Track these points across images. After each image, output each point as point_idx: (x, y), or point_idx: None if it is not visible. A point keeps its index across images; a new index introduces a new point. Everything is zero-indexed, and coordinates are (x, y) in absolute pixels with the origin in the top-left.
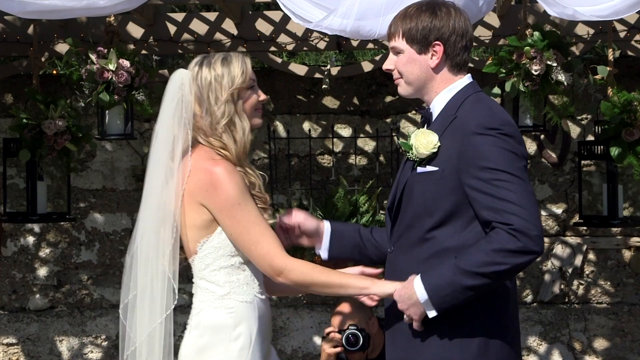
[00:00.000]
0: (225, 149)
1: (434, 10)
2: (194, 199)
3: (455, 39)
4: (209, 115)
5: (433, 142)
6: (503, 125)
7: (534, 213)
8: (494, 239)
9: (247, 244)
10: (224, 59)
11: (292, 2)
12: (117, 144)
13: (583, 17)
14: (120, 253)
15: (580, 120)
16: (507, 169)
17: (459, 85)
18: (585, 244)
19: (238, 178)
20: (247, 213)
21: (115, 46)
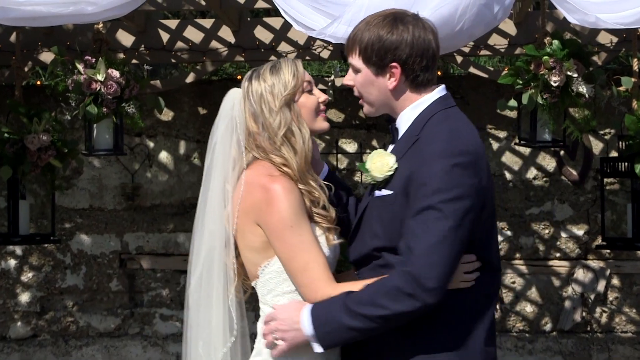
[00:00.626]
0: (287, 165)
1: (392, 26)
2: (249, 218)
3: (414, 60)
4: (266, 130)
5: (388, 165)
6: (460, 155)
7: (441, 262)
8: (388, 279)
9: (294, 270)
10: (273, 67)
11: (294, 9)
12: (105, 160)
13: (606, 24)
14: (108, 277)
15: (603, 135)
16: (441, 207)
17: (426, 102)
18: (608, 268)
19: (295, 198)
20: (299, 237)
21: (103, 55)
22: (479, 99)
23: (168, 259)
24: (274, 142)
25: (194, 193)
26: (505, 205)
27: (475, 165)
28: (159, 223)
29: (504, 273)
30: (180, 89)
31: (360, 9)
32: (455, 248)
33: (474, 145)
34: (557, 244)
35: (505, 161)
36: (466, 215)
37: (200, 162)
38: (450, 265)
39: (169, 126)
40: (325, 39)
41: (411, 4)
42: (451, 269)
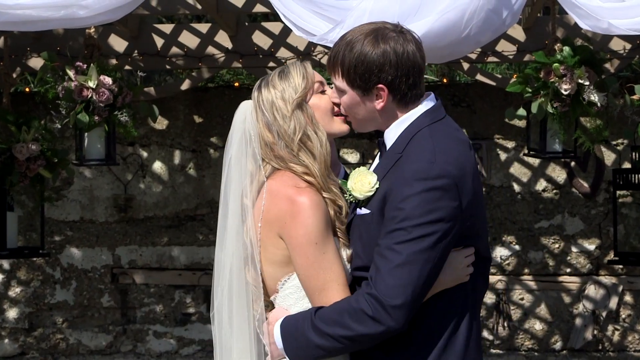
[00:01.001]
0: (309, 173)
1: (373, 44)
2: (272, 230)
3: (401, 80)
4: (282, 138)
5: (370, 184)
6: (438, 178)
7: (407, 285)
8: (354, 299)
9: (312, 289)
10: (281, 72)
11: (294, 13)
12: (97, 171)
13: (619, 30)
14: (99, 292)
15: (616, 146)
16: (411, 230)
17: (411, 117)
18: (621, 284)
19: (322, 213)
20: (322, 255)
21: (95, 61)
22: (486, 107)
23: (162, 273)
24: (291, 149)
25: (189, 205)
26: (513, 218)
27: (456, 188)
28: (153, 236)
29: (512, 289)
30: (175, 96)
31: (363, 14)
32: (424, 272)
33: (457, 166)
34: (568, 259)
35: (514, 172)
36: (440, 240)
37: (196, 172)
38: (418, 289)
39: (163, 135)
40: (326, 45)
41: (416, 8)
42: (418, 293)
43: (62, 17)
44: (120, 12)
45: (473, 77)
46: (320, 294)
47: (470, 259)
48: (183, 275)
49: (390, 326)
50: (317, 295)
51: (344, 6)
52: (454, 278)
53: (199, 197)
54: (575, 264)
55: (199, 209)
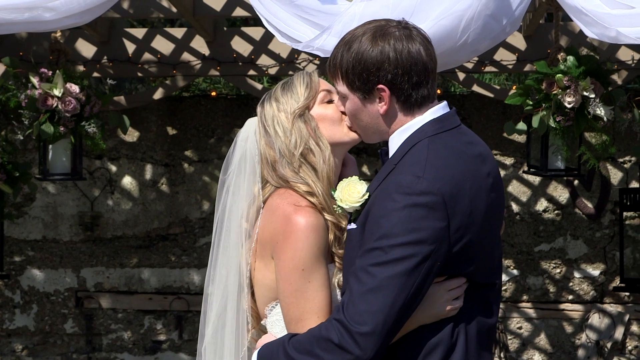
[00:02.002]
0: (312, 192)
1: (371, 42)
2: (266, 249)
3: (402, 78)
4: (283, 155)
5: (359, 193)
6: (423, 195)
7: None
8: (323, 326)
9: (289, 317)
10: (284, 84)
11: (278, 18)
12: (61, 186)
13: (628, 39)
14: (62, 318)
15: (623, 164)
16: (389, 250)
17: (414, 125)
18: (627, 313)
19: (317, 238)
20: (306, 283)
21: (61, 67)
22: (483, 121)
23: (131, 297)
24: (292, 165)
25: (160, 223)
26: (511, 240)
27: (444, 207)
28: (121, 257)
29: (510, 317)
30: (147, 106)
31: (352, 19)
32: (399, 299)
33: (450, 183)
34: (570, 285)
35: (512, 191)
36: (422, 263)
37: (169, 188)
38: (390, 317)
39: (134, 148)
40: (312, 53)
41: (410, 14)
42: (391, 322)
43: (26, 20)
44: (89, 15)
45: (469, 88)
46: (297, 325)
47: (456, 292)
48: (154, 299)
49: (357, 355)
50: (292, 325)
51: (331, 11)
52: (432, 314)
53: (172, 215)
54: (578, 290)
55: (172, 228)
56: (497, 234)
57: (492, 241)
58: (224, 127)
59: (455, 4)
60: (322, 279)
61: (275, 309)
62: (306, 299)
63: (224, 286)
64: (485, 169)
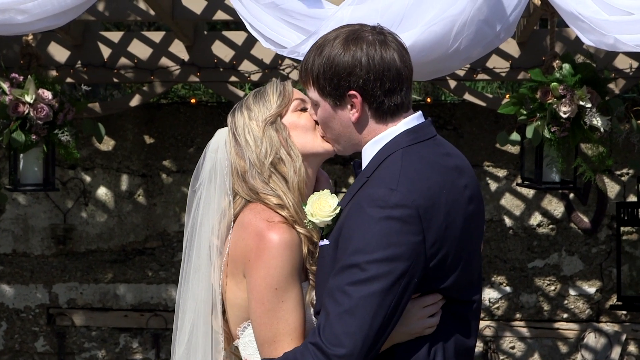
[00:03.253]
0: (283, 204)
1: (343, 47)
2: (237, 268)
3: (373, 84)
4: (254, 165)
5: (330, 207)
6: (397, 207)
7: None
8: (298, 351)
9: (261, 339)
10: (257, 92)
11: (261, 22)
12: (33, 197)
13: (626, 47)
14: (33, 336)
15: (620, 176)
16: (365, 267)
17: (388, 136)
18: (624, 332)
19: (291, 255)
20: (280, 303)
21: (33, 72)
22: (474, 131)
23: (106, 314)
24: (262, 175)
25: (137, 237)
26: (504, 256)
27: (418, 221)
28: (95, 272)
29: (502, 336)
30: (123, 113)
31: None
32: (377, 318)
33: (424, 195)
34: (565, 303)
35: (505, 204)
36: (398, 280)
37: (146, 200)
38: (369, 339)
39: (109, 157)
40: (297, 59)
41: (399, 19)
42: (370, 343)
43: None
44: (63, 17)
45: (460, 96)
46: (270, 347)
47: (431, 308)
48: (129, 316)
49: None
50: (265, 348)
51: (318, 15)
52: (406, 332)
53: (149, 228)
54: (574, 308)
55: (149, 242)
56: (476, 248)
57: (471, 255)
58: (204, 136)
59: (447, 9)
60: (296, 298)
61: (248, 329)
62: (279, 319)
63: (194, 306)
64: (462, 181)
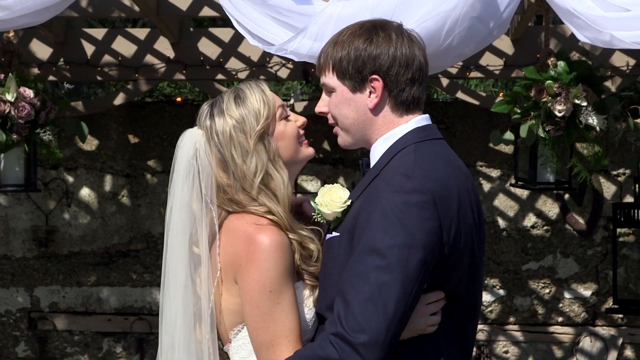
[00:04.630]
0: (272, 212)
1: (369, 34)
2: (228, 274)
3: (398, 71)
4: (238, 180)
5: (341, 199)
6: (414, 192)
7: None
8: (317, 346)
9: (259, 343)
10: (236, 97)
11: (249, 19)
12: (13, 198)
13: (623, 44)
14: (14, 340)
15: (616, 177)
16: (385, 252)
17: (399, 133)
18: (620, 336)
19: (282, 256)
20: (275, 305)
21: (14, 70)
22: (467, 130)
23: (89, 318)
24: (249, 192)
25: (121, 238)
26: (497, 258)
27: (434, 207)
28: (78, 275)
29: (495, 340)
30: (107, 112)
31: (328, 21)
32: (400, 305)
33: (439, 185)
34: (560, 306)
35: (499, 205)
36: (417, 266)
37: (130, 200)
38: (393, 326)
39: (93, 157)
40: (285, 56)
41: (390, 16)
42: (394, 330)
43: None
44: (46, 14)
45: (453, 94)
46: (268, 350)
47: (434, 306)
48: (113, 320)
49: None
50: (264, 352)
51: (307, 12)
52: (409, 328)
53: (133, 230)
54: (569, 312)
55: (133, 244)
56: (480, 255)
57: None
58: None
59: (439, 5)
60: (291, 299)
61: (241, 332)
62: (275, 321)
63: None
64: (469, 184)
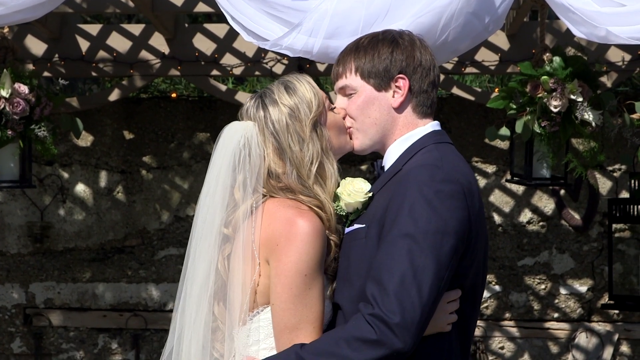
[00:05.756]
0: (322, 208)
1: (393, 39)
2: (260, 254)
3: (422, 73)
4: (295, 167)
5: (363, 190)
6: (445, 182)
7: (415, 303)
8: (351, 326)
9: (283, 325)
10: (287, 88)
11: (243, 15)
12: (8, 194)
13: (619, 39)
14: (9, 336)
15: (612, 172)
16: (418, 238)
17: (417, 134)
18: (616, 332)
19: (320, 244)
20: (307, 290)
21: (9, 66)
22: (463, 125)
23: (84, 314)
24: (304, 181)
25: (116, 234)
26: (493, 254)
27: (464, 197)
28: (73, 271)
29: (491, 336)
30: (101, 108)
31: (323, 16)
32: (434, 288)
33: (465, 177)
34: (556, 302)
35: (494, 201)
36: (448, 253)
37: (125, 197)
38: (427, 307)
39: (88, 153)
40: (279, 52)
41: (385, 11)
42: (427, 312)
43: None
44: (41, 9)
45: (448, 90)
46: (291, 334)
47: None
48: (108, 316)
49: (398, 349)
50: (286, 334)
51: (302, 7)
52: (431, 325)
53: (129, 226)
54: (564, 308)
55: (128, 240)
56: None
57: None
58: (185, 131)
59: (434, 0)
60: (321, 287)
61: (261, 314)
62: (305, 305)
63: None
64: (478, 189)
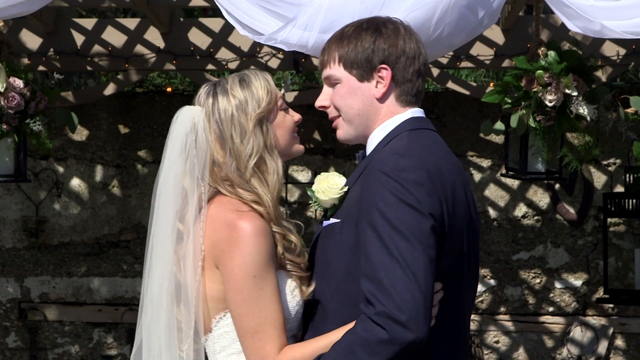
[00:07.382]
0: (259, 202)
1: (377, 27)
2: (209, 260)
3: (406, 62)
4: (234, 158)
5: (337, 186)
6: (407, 170)
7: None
8: (360, 330)
9: (244, 330)
10: (242, 80)
11: (239, 9)
12: (4, 188)
13: (613, 33)
14: (4, 331)
15: (607, 166)
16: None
17: (395, 122)
18: (611, 326)
19: (265, 242)
20: (259, 291)
21: (4, 60)
22: (458, 120)
23: (79, 308)
24: (242, 173)
25: (111, 229)
26: (488, 248)
27: (431, 182)
28: (69, 265)
29: (486, 330)
30: (97, 102)
31: (318, 10)
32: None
33: (432, 162)
34: (551, 296)
35: (489, 195)
36: (430, 233)
37: (120, 191)
38: (428, 294)
39: (83, 147)
40: (275, 46)
41: (380, 5)
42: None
43: None
44: (36, 3)
45: (443, 85)
46: (253, 337)
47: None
48: (103, 310)
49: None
50: (249, 338)
51: (296, 1)
52: None
53: (124, 220)
54: (559, 302)
55: (124, 234)
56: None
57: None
58: None
59: None
60: (274, 286)
61: (223, 320)
62: (260, 307)
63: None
64: (461, 176)
